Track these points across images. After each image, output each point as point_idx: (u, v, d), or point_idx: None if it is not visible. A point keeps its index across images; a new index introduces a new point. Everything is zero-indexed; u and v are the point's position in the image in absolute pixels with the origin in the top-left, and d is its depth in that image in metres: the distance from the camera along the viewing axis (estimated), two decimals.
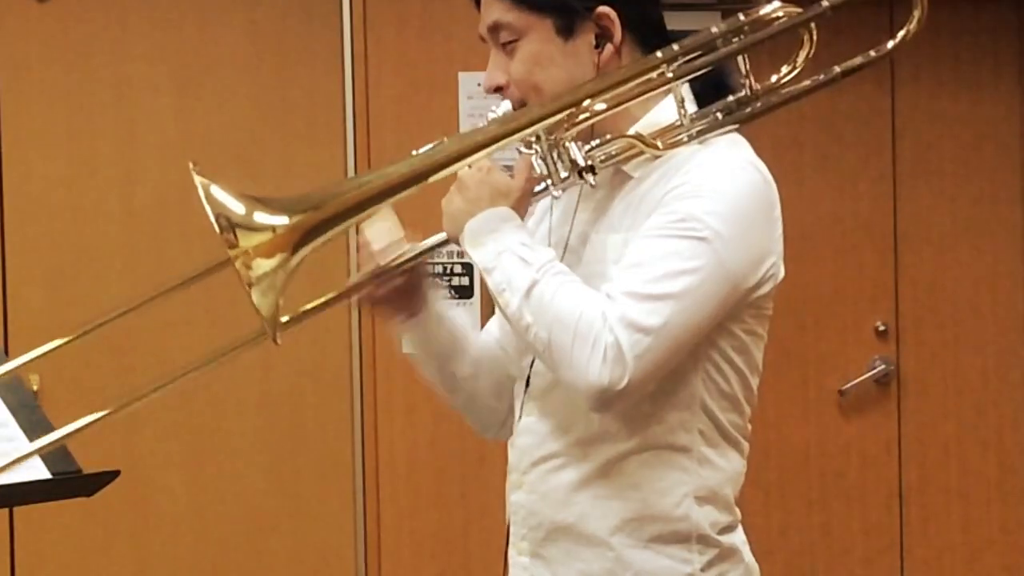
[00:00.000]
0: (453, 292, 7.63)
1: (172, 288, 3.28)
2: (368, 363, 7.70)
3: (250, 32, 7.73)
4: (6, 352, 6.35)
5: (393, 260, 3.14)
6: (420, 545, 7.83)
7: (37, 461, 4.04)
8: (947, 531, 8.34)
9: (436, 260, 7.51)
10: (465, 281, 7.63)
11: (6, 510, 7.11)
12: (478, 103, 7.59)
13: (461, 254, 7.42)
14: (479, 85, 7.45)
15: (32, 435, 4.04)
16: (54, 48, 7.50)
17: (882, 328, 8.33)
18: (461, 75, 7.68)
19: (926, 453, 8.35)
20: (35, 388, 6.24)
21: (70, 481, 4.14)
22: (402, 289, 3.20)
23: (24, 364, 3.50)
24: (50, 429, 4.06)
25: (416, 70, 7.80)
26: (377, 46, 7.80)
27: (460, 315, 3.34)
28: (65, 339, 3.38)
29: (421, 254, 3.16)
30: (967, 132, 8.39)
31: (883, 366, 8.31)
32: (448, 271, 7.60)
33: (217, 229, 2.86)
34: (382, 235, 3.14)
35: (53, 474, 4.05)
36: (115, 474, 4.19)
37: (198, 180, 2.87)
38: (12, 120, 7.45)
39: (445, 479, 7.81)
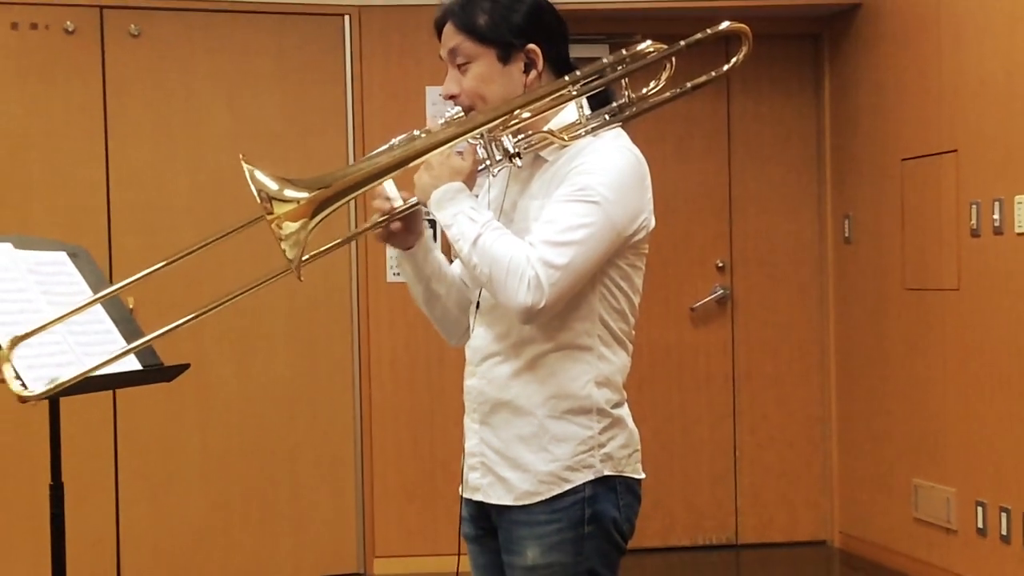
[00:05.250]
0: None
1: (226, 234, 3.27)
2: (363, 293, 7.73)
3: (279, 57, 7.72)
4: (111, 281, 6.33)
5: (399, 209, 3.15)
6: (398, 417, 7.84)
7: (132, 357, 4.03)
8: (766, 406, 8.38)
9: None
10: (429, 233, 7.61)
11: (110, 392, 7.11)
12: (439, 108, 7.53)
13: (427, 214, 7.41)
14: (440, 95, 7.52)
15: (129, 340, 4.03)
16: (144, 68, 7.48)
17: (720, 264, 8.37)
18: (428, 88, 7.68)
19: (751, 351, 8.39)
20: (131, 307, 6.22)
21: (155, 371, 4.14)
22: (405, 228, 3.20)
23: (123, 288, 3.49)
24: (142, 334, 4.06)
25: (395, 85, 7.80)
26: (368, 68, 7.79)
27: (440, 253, 3.35)
28: (153, 268, 3.37)
29: (406, 209, 3.16)
30: (779, 127, 8.42)
31: (721, 291, 8.34)
32: None
33: (258, 200, 2.87)
34: (394, 191, 3.16)
35: (144, 366, 4.06)
36: (187, 366, 4.19)
37: (246, 166, 2.88)
38: (115, 120, 7.42)
39: (416, 371, 7.82)
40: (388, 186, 3.15)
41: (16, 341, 3.43)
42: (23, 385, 3.45)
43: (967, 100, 6.82)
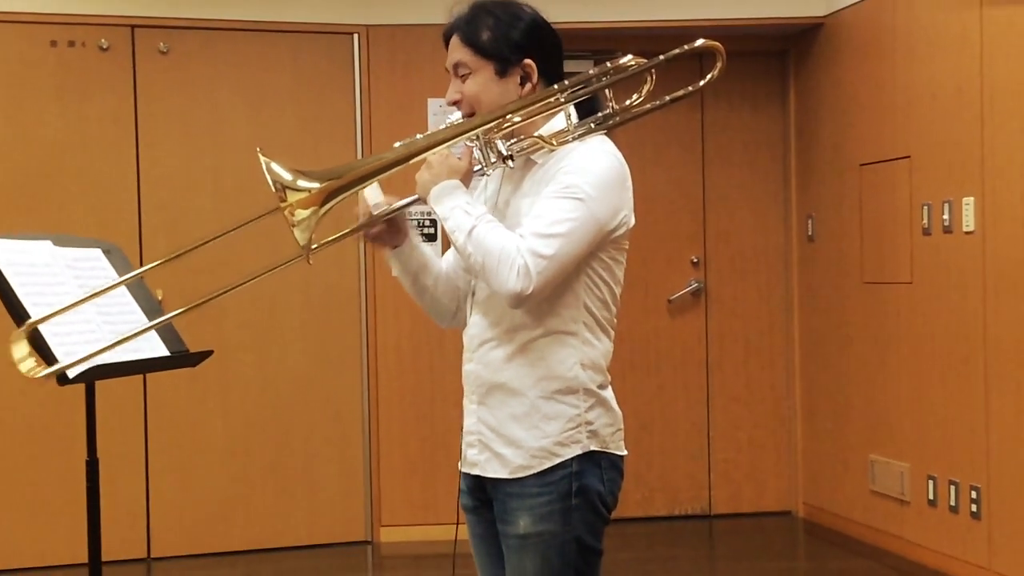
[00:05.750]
0: (424, 237, 7.65)
1: (243, 225, 3.26)
2: (370, 286, 7.73)
3: (294, 72, 7.72)
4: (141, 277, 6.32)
5: (380, 213, 3.15)
6: (402, 398, 7.83)
7: (160, 343, 4.03)
8: (736, 389, 8.38)
9: (413, 216, 7.53)
10: (432, 231, 7.63)
11: (141, 376, 7.12)
12: (439, 118, 7.54)
13: (430, 214, 7.43)
14: (440, 106, 7.51)
15: (158, 329, 4.02)
16: (172, 82, 7.48)
17: (695, 260, 8.36)
18: (429, 100, 7.68)
19: (723, 339, 8.38)
20: (160, 297, 6.20)
21: (182, 357, 4.13)
22: (389, 229, 3.20)
23: (152, 279, 3.48)
24: (170, 328, 4.05)
25: (399, 97, 7.79)
26: (376, 81, 7.78)
27: (427, 248, 3.34)
28: (167, 257, 3.37)
29: (403, 206, 3.16)
30: (749, 135, 8.41)
31: (696, 284, 8.33)
32: (421, 223, 7.60)
33: (273, 190, 2.89)
34: (374, 197, 3.14)
35: (171, 352, 4.04)
36: (210, 352, 4.18)
37: (262, 158, 2.89)
38: (146, 129, 7.43)
39: (418, 357, 7.81)
40: (370, 192, 3.14)
41: (31, 325, 3.46)
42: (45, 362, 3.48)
43: (919, 111, 6.82)
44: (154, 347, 4.01)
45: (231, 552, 7.53)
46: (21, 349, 3.46)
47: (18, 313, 3.77)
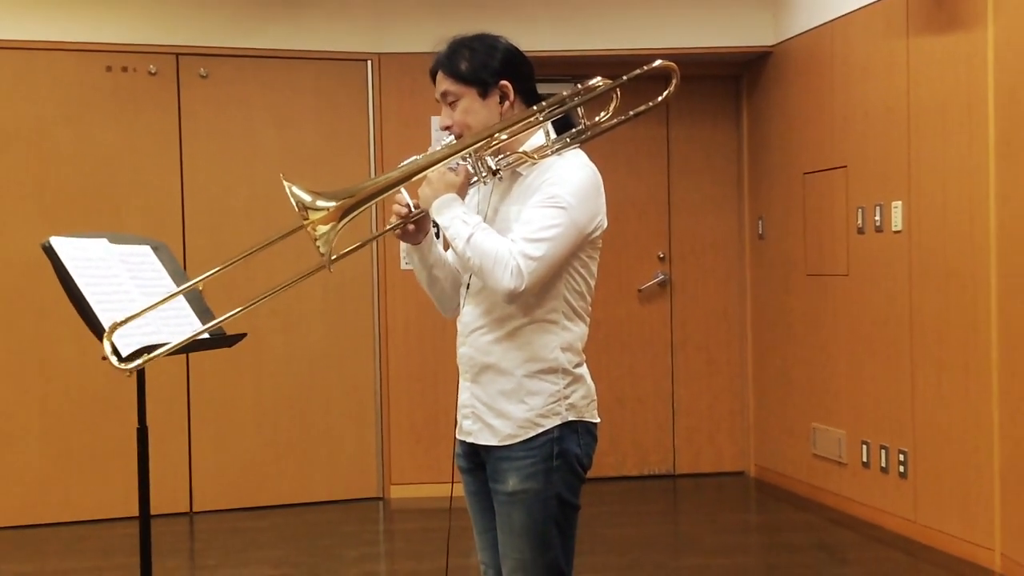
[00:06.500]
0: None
1: (277, 240, 3.27)
2: (382, 277, 7.73)
3: (316, 94, 7.72)
4: (185, 269, 6.33)
5: (412, 214, 3.16)
6: (410, 374, 7.84)
7: (201, 327, 4.03)
8: (697, 366, 8.39)
9: None
10: (435, 231, 7.62)
11: (184, 355, 7.12)
12: (441, 134, 7.56)
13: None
14: (439, 127, 7.52)
15: (201, 317, 4.04)
16: (211, 102, 7.48)
17: (662, 255, 8.36)
18: (433, 118, 7.67)
19: (685, 323, 8.40)
20: (200, 289, 6.21)
21: (219, 339, 4.14)
22: (415, 228, 3.20)
23: (194, 271, 3.49)
24: (210, 314, 4.07)
25: (407, 116, 7.78)
26: (387, 101, 7.79)
27: (440, 246, 3.35)
28: (224, 265, 3.38)
29: (418, 214, 3.16)
30: (708, 146, 8.42)
31: (662, 276, 8.34)
32: None
33: (296, 209, 2.90)
34: (405, 199, 3.15)
35: (210, 335, 4.05)
36: (244, 335, 4.19)
37: (285, 183, 2.90)
38: (188, 143, 7.43)
39: (423, 339, 7.82)
40: (404, 195, 3.16)
41: (115, 327, 3.47)
42: (120, 360, 3.49)
43: (855, 127, 6.84)
44: (197, 330, 4.02)
45: (262, 507, 7.54)
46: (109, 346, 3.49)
47: (79, 302, 3.78)
